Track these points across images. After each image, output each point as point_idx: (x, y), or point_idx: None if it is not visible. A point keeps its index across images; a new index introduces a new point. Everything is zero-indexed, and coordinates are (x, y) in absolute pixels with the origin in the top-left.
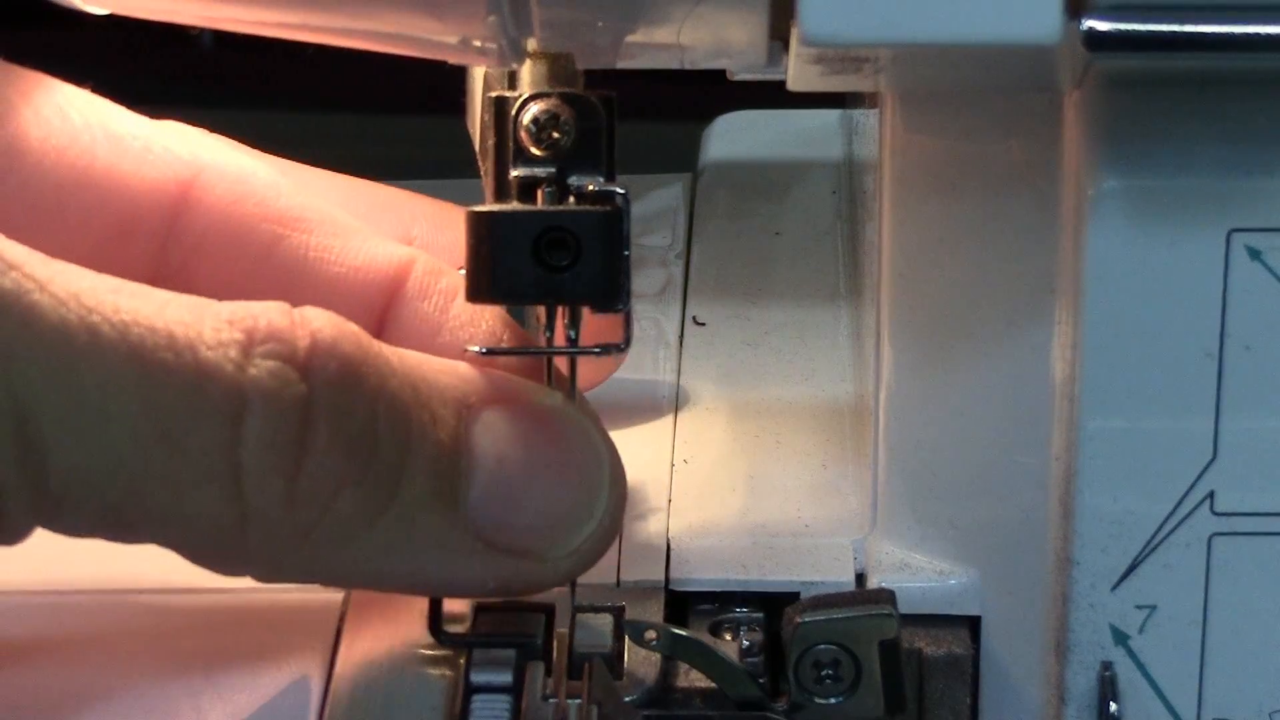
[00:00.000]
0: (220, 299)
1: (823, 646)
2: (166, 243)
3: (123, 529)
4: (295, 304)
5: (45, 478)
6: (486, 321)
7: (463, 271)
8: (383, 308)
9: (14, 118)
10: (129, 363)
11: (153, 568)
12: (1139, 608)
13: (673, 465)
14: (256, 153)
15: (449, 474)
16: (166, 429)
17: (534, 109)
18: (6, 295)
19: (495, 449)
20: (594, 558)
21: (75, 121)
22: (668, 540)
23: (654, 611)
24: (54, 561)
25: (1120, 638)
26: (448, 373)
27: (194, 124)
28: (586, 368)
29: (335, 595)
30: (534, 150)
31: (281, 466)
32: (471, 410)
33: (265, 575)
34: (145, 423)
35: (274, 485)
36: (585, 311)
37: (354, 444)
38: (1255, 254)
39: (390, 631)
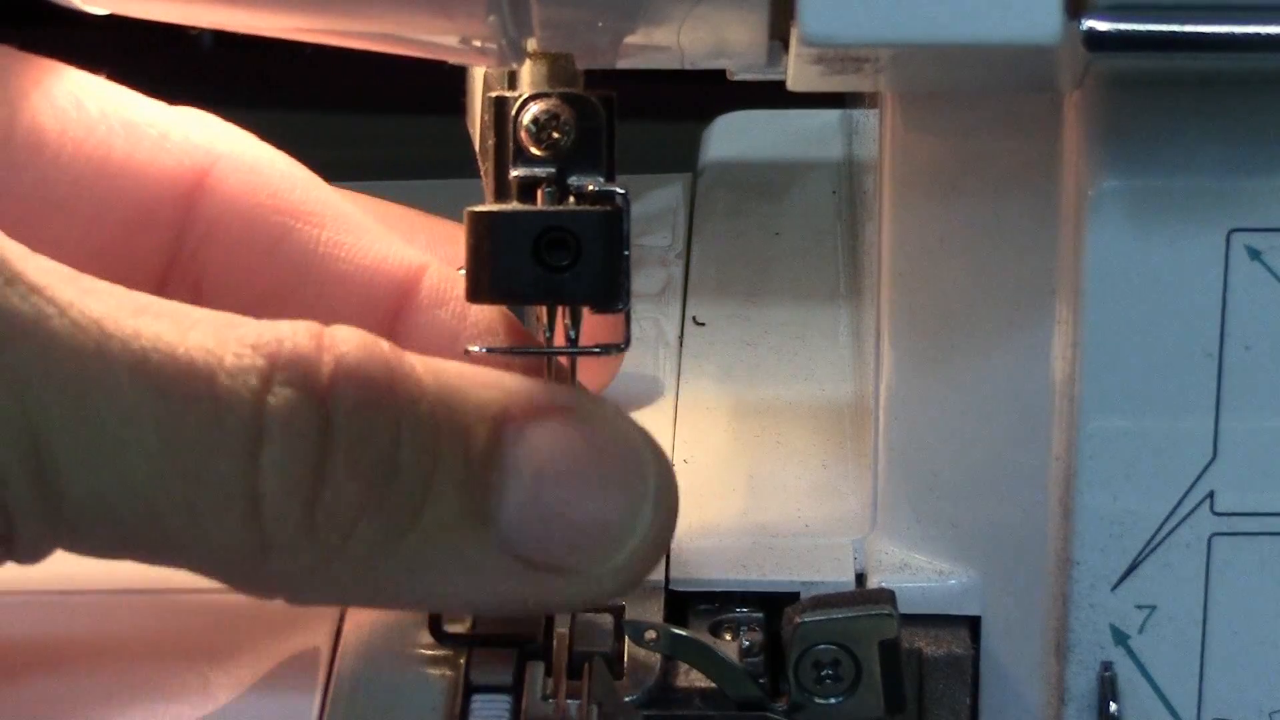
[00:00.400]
0: (229, 289)
1: (823, 646)
2: (182, 232)
3: (141, 553)
4: (300, 297)
5: (60, 502)
6: (504, 327)
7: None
8: (392, 310)
9: (30, 109)
10: (146, 392)
11: (153, 568)
12: (1139, 608)
13: (672, 465)
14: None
15: (479, 492)
16: (184, 458)
17: (534, 109)
18: (26, 321)
19: (534, 463)
20: (642, 573)
21: (91, 111)
22: None
23: (654, 611)
24: (55, 562)
25: (1120, 638)
26: (488, 385)
27: None
28: (586, 373)
29: None
30: (534, 150)
31: (300, 495)
32: (512, 423)
33: (290, 599)
34: (162, 451)
35: (293, 513)
36: (585, 311)
37: (374, 470)
38: (1255, 254)
39: (390, 631)
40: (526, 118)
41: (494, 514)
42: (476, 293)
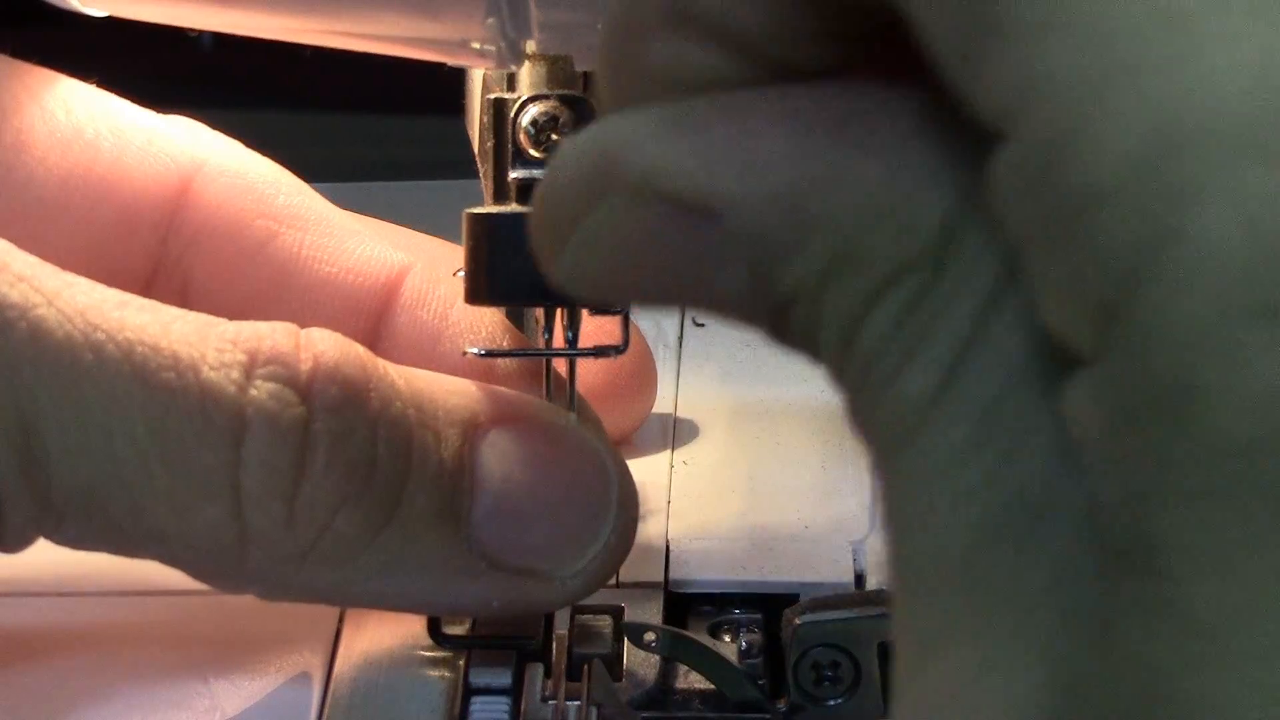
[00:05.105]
0: (214, 293)
1: (822, 648)
2: (167, 237)
3: (124, 544)
4: (284, 301)
5: (48, 490)
6: (486, 328)
7: (460, 275)
8: (377, 313)
9: (19, 113)
10: (133, 381)
11: (153, 569)
12: None
13: (672, 466)
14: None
15: (451, 493)
16: (169, 448)
17: (532, 111)
18: (14, 308)
19: (501, 468)
20: (602, 578)
21: (80, 116)
22: (667, 541)
23: (653, 613)
24: (55, 563)
25: None
26: (456, 393)
27: None
28: (618, 418)
29: None
30: (532, 152)
31: (280, 488)
32: (479, 429)
33: (266, 594)
34: (148, 441)
35: (273, 506)
36: (583, 313)
37: (353, 465)
38: None
39: (390, 632)
40: (525, 119)
41: (465, 516)
42: (475, 294)
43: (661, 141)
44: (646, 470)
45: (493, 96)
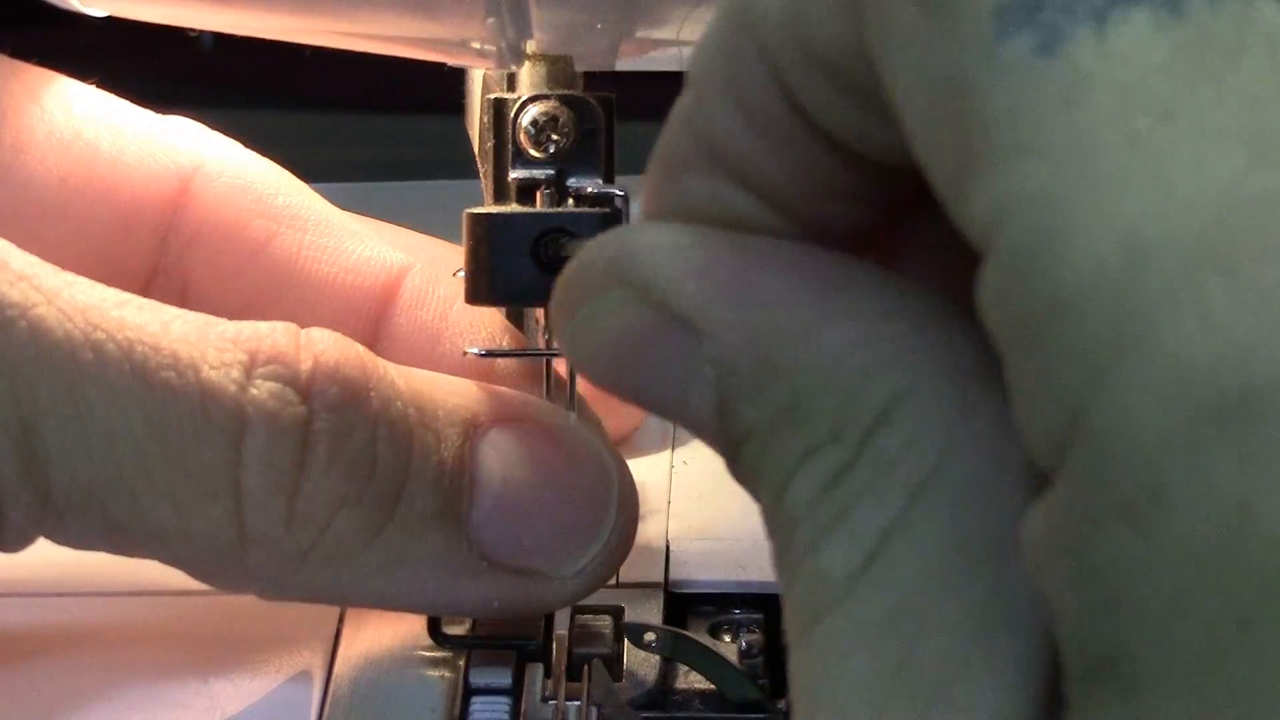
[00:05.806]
0: (213, 294)
1: None
2: (166, 237)
3: (124, 543)
4: (284, 301)
5: (48, 489)
6: (486, 328)
7: (460, 275)
8: (376, 313)
9: (19, 114)
10: (133, 380)
11: (153, 569)
12: None
13: (672, 466)
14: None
15: (451, 493)
16: (169, 447)
17: (533, 111)
18: (14, 307)
19: (501, 468)
20: (602, 578)
21: (79, 117)
22: (667, 541)
23: (653, 613)
24: (55, 563)
25: None
26: (456, 393)
27: None
28: (618, 418)
29: None
30: (533, 152)
31: (281, 486)
32: (479, 429)
33: (267, 593)
34: (148, 440)
35: (273, 505)
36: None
37: (353, 465)
38: None
39: (390, 632)
40: (525, 120)
41: (464, 515)
42: (475, 295)
43: (672, 257)
44: (646, 470)
45: (493, 96)
